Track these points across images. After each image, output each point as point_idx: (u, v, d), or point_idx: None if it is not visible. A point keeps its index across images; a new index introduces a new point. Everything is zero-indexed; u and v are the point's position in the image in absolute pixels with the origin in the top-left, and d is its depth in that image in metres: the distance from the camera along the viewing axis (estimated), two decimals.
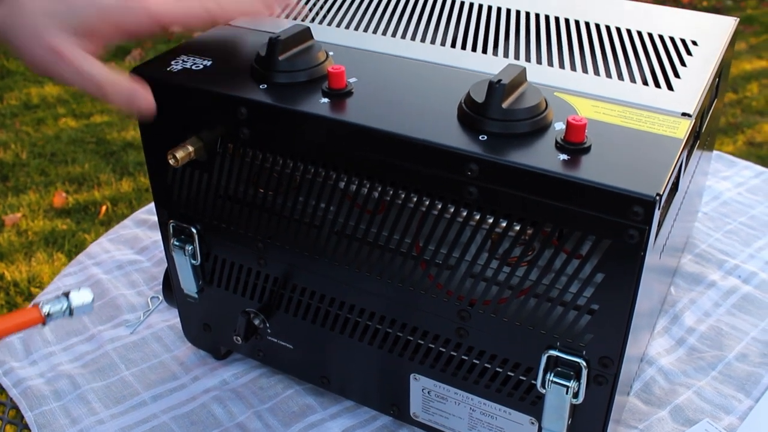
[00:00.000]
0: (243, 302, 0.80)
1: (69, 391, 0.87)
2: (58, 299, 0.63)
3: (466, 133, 0.61)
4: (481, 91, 0.61)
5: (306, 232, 0.71)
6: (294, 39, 0.70)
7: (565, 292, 0.61)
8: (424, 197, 0.63)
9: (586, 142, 0.59)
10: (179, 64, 0.73)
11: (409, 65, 0.72)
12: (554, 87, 0.68)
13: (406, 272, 0.67)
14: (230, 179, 0.72)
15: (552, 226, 0.58)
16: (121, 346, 0.93)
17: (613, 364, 0.62)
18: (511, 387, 0.69)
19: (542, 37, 0.79)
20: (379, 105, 0.65)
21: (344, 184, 0.66)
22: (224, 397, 0.85)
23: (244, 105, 0.67)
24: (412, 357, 0.72)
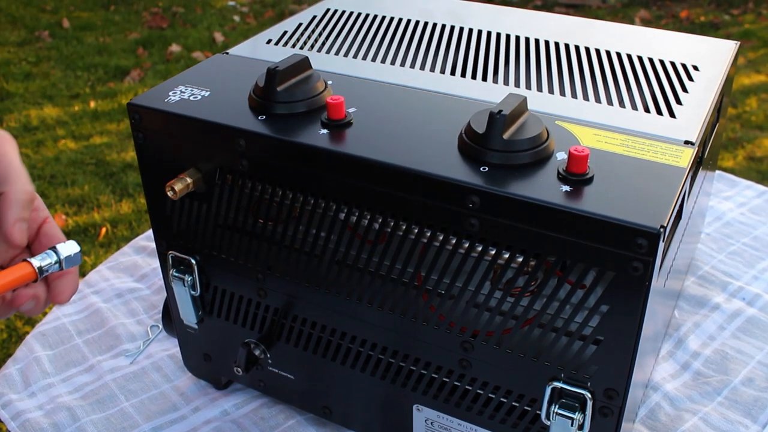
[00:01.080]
0: (243, 332, 0.80)
1: (68, 424, 0.86)
2: (46, 253, 0.61)
3: (467, 164, 0.60)
4: (481, 122, 0.61)
5: (306, 263, 0.70)
6: (293, 69, 0.69)
7: (570, 322, 0.60)
8: (425, 228, 0.62)
9: (589, 172, 0.58)
10: (177, 95, 0.72)
11: (408, 94, 0.72)
12: (555, 116, 0.67)
13: (407, 303, 0.67)
14: (229, 210, 0.71)
15: (555, 257, 0.58)
16: (121, 377, 0.92)
17: (618, 396, 0.61)
18: (515, 418, 0.68)
19: (542, 63, 0.79)
20: (378, 136, 0.64)
21: (344, 215, 0.65)
22: (225, 429, 0.84)
23: (243, 136, 0.66)
24: (415, 388, 0.71)
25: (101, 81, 3.49)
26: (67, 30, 4.11)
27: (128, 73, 3.58)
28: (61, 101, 3.30)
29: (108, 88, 3.41)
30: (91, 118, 3.14)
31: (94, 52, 3.81)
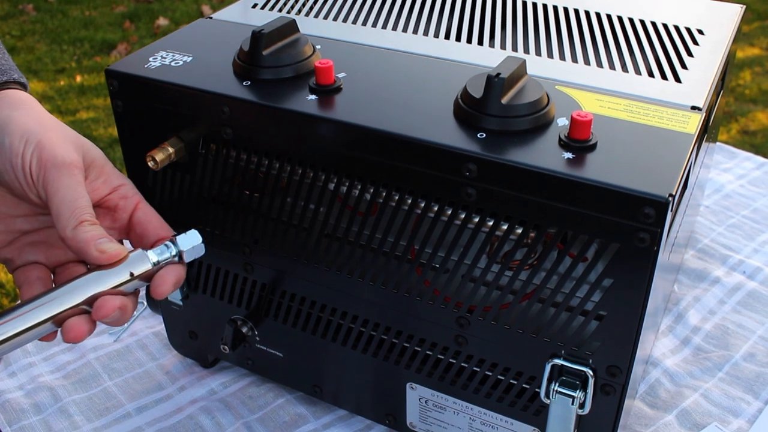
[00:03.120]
0: (230, 309, 0.77)
1: (50, 404, 0.83)
2: (165, 245, 0.58)
3: (464, 130, 0.57)
4: (478, 86, 0.58)
5: (295, 236, 0.67)
6: (279, 32, 0.66)
7: (571, 297, 0.57)
8: (419, 199, 0.59)
9: (592, 139, 0.55)
10: (158, 61, 0.69)
11: (400, 59, 0.68)
12: (555, 80, 0.64)
13: (401, 277, 0.64)
14: (213, 181, 0.68)
15: (556, 228, 0.55)
16: (104, 355, 0.89)
17: (621, 373, 0.59)
18: (513, 396, 0.65)
19: (541, 27, 0.75)
20: (370, 101, 0.61)
21: (334, 186, 0.62)
22: (212, 408, 0.81)
23: (227, 103, 0.63)
24: (409, 365, 0.69)
25: (87, 55, 3.44)
26: (51, 3, 4.04)
27: (115, 47, 3.52)
28: (46, 76, 3.25)
29: (94, 63, 3.36)
30: (77, 92, 3.09)
31: (80, 25, 3.75)
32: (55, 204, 0.55)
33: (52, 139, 0.56)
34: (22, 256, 0.60)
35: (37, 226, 0.61)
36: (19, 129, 0.56)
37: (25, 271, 0.60)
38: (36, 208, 0.60)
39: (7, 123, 0.56)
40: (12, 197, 0.60)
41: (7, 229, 0.60)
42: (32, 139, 0.56)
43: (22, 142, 0.55)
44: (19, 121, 0.57)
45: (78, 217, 0.54)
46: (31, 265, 0.61)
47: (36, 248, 0.61)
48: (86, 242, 0.54)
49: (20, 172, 0.56)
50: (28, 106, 0.59)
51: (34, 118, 0.57)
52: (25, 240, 0.61)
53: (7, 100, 0.59)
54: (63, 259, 0.61)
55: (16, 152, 0.55)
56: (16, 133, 0.56)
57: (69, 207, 0.54)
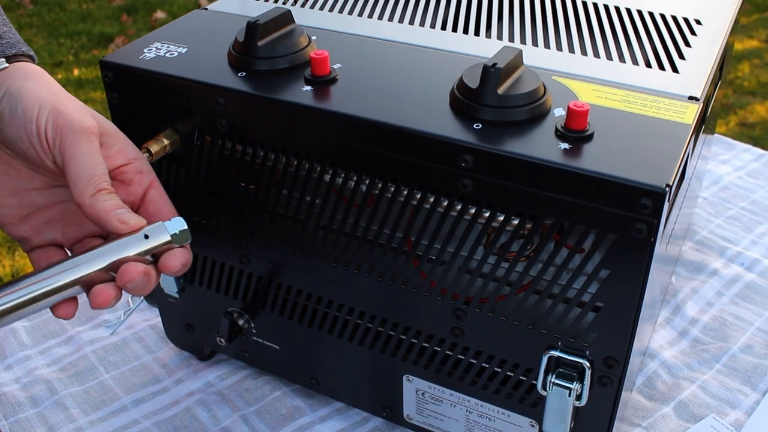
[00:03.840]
0: (226, 301, 0.76)
1: (46, 397, 0.82)
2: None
3: (460, 121, 0.57)
4: (474, 76, 0.57)
5: (290, 228, 0.67)
6: (274, 23, 0.65)
7: (568, 289, 0.57)
8: (415, 190, 0.59)
9: (588, 129, 0.55)
10: (152, 52, 0.68)
11: (396, 49, 0.68)
12: (552, 71, 0.64)
13: (397, 269, 0.63)
14: (209, 173, 0.68)
15: (553, 219, 0.54)
16: (101, 348, 0.89)
17: (618, 365, 0.59)
18: (509, 388, 0.65)
19: (537, 17, 0.75)
20: (365, 92, 0.61)
21: (330, 177, 0.62)
22: (209, 401, 0.81)
23: (222, 94, 0.63)
24: (405, 357, 0.68)
25: (85, 48, 3.43)
26: None
27: (112, 40, 3.51)
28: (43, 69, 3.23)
29: (92, 56, 3.35)
30: (74, 86, 3.08)
31: (77, 19, 3.74)
32: (72, 170, 0.54)
33: (66, 105, 0.56)
34: (39, 235, 0.60)
35: (52, 200, 0.60)
36: (32, 96, 0.55)
37: (43, 254, 0.59)
38: (50, 179, 0.59)
39: (19, 91, 0.55)
40: (26, 170, 0.59)
41: (21, 203, 0.59)
42: (46, 105, 0.55)
43: (36, 107, 0.55)
44: (32, 89, 0.56)
45: (96, 185, 0.53)
46: (49, 247, 0.60)
47: (52, 226, 0.60)
48: (105, 211, 0.53)
49: (35, 138, 0.54)
50: (39, 77, 0.58)
51: (47, 87, 0.57)
52: (41, 217, 0.60)
53: (18, 71, 0.58)
54: (79, 235, 0.60)
55: (30, 118, 0.54)
56: (30, 100, 0.55)
57: (87, 174, 0.53)
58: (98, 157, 0.55)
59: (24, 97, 0.55)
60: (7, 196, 0.59)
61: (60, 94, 0.57)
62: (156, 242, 0.55)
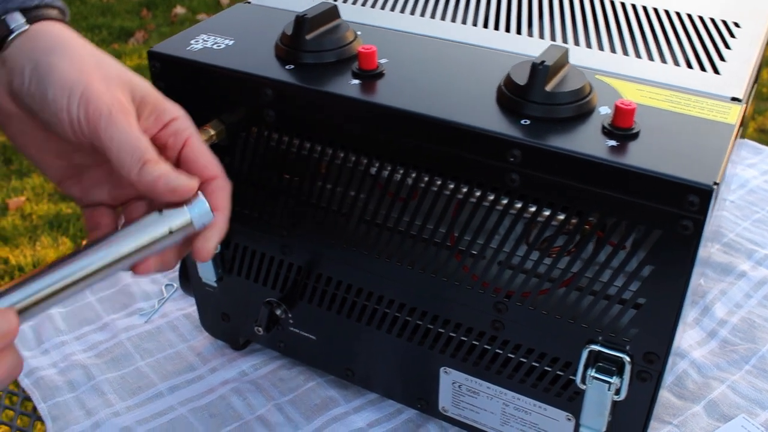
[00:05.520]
0: (264, 292, 0.77)
1: (83, 382, 0.84)
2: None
3: (507, 117, 0.58)
4: (522, 73, 0.58)
5: (333, 220, 0.68)
6: (321, 17, 0.67)
7: (610, 285, 0.58)
8: (461, 184, 0.60)
9: (635, 127, 0.56)
10: (200, 43, 0.69)
11: (440, 46, 0.69)
12: (595, 69, 0.65)
13: (439, 263, 0.64)
14: (254, 164, 0.69)
15: (599, 215, 0.55)
16: (136, 336, 0.90)
17: (658, 360, 0.59)
18: (547, 382, 0.66)
19: (578, 17, 0.76)
20: (412, 87, 0.62)
21: (376, 170, 0.63)
22: (243, 389, 0.82)
23: (270, 86, 0.64)
24: (443, 350, 0.69)
25: (105, 42, 3.45)
26: None
27: (132, 34, 3.53)
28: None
29: (112, 50, 3.36)
30: None
31: (98, 12, 3.76)
32: (114, 153, 0.53)
33: (95, 88, 0.54)
34: (87, 197, 0.60)
35: (98, 160, 0.59)
36: (60, 80, 0.53)
37: (94, 215, 0.59)
38: None
39: (47, 73, 0.54)
40: None
41: (69, 164, 0.59)
42: (75, 91, 0.53)
43: (65, 95, 0.53)
44: (59, 69, 0.54)
45: (141, 158, 0.53)
46: (99, 207, 0.60)
47: (99, 188, 0.60)
48: (154, 182, 0.53)
49: (68, 127, 0.54)
50: (67, 48, 0.55)
51: (75, 65, 0.54)
52: (88, 179, 0.59)
53: (44, 40, 0.56)
54: (126, 196, 0.60)
55: (60, 107, 0.53)
56: (58, 85, 0.53)
57: (129, 151, 0.53)
58: (136, 132, 0.54)
59: (52, 80, 0.53)
60: (55, 159, 0.58)
61: (88, 71, 0.54)
62: (177, 226, 0.55)
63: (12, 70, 0.55)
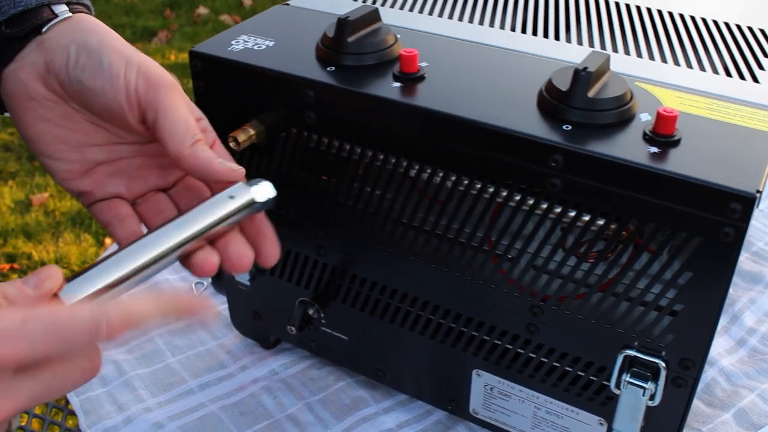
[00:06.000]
0: (296, 291, 0.78)
1: (115, 377, 0.85)
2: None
3: (548, 122, 0.58)
4: (565, 79, 0.59)
5: (370, 222, 0.68)
6: (363, 20, 0.67)
7: (647, 292, 0.58)
8: (501, 188, 0.60)
9: (676, 134, 0.56)
10: (240, 44, 0.70)
11: (479, 50, 0.70)
12: (634, 76, 0.65)
13: (476, 266, 0.65)
14: (292, 165, 0.69)
15: (638, 221, 0.56)
16: (167, 333, 0.91)
17: (694, 366, 0.60)
18: (581, 386, 0.66)
19: (615, 24, 0.76)
20: (454, 91, 0.62)
21: (415, 173, 0.63)
22: (274, 388, 0.83)
23: (312, 87, 0.64)
24: (477, 353, 0.70)
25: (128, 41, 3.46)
26: None
27: (155, 34, 3.56)
28: None
29: None
30: None
31: (122, 12, 3.79)
32: (168, 122, 0.54)
33: (150, 62, 0.56)
34: (102, 189, 0.59)
35: (112, 157, 0.60)
36: (116, 51, 0.55)
37: (110, 207, 0.59)
38: (114, 136, 0.59)
39: (101, 45, 0.55)
40: (89, 125, 0.58)
41: (83, 158, 0.59)
42: (133, 61, 0.55)
43: (122, 63, 0.55)
44: (113, 44, 0.56)
45: (194, 135, 0.54)
46: (113, 200, 0.60)
47: (116, 180, 0.60)
48: (208, 160, 0.54)
49: (122, 93, 0.54)
50: (112, 33, 0.58)
51: (124, 44, 0.57)
52: (103, 171, 0.60)
53: (88, 24, 0.57)
54: (144, 189, 0.60)
55: (117, 73, 0.54)
56: (114, 55, 0.55)
57: (183, 126, 0.54)
58: (188, 111, 0.55)
59: (107, 51, 0.55)
60: (69, 151, 0.58)
61: (139, 52, 0.57)
62: (241, 202, 0.54)
63: (52, 50, 0.56)
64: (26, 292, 0.45)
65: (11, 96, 0.57)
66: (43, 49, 0.56)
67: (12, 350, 0.40)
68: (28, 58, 0.57)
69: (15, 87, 0.57)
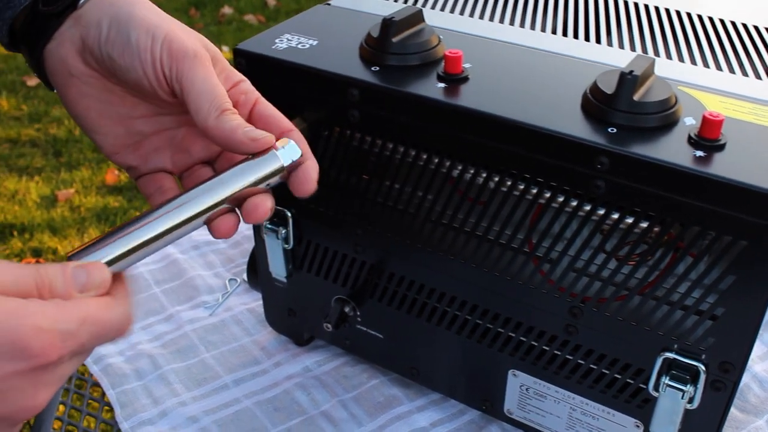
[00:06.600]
0: (332, 289, 0.79)
1: (150, 371, 0.86)
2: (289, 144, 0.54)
3: (593, 124, 0.58)
4: (610, 82, 0.59)
5: (410, 221, 0.69)
6: (407, 21, 0.68)
7: (688, 296, 0.58)
8: (545, 189, 0.61)
9: (721, 139, 0.56)
10: (284, 43, 0.71)
11: (521, 53, 0.70)
12: (677, 81, 0.65)
13: (516, 267, 0.65)
14: (334, 163, 0.70)
15: (682, 224, 0.56)
16: (200, 328, 0.92)
17: (734, 370, 0.60)
18: (618, 388, 0.66)
19: (656, 29, 0.76)
20: (497, 92, 0.63)
21: (458, 173, 0.64)
22: (308, 385, 0.83)
23: (357, 87, 0.65)
24: (514, 353, 0.70)
25: None
26: None
27: None
28: None
29: None
30: None
31: None
32: (193, 95, 0.53)
33: (177, 31, 0.55)
34: (147, 163, 0.60)
35: (158, 128, 0.60)
36: (143, 23, 0.54)
37: (154, 180, 0.60)
38: (156, 108, 0.59)
39: (129, 19, 0.54)
40: (131, 98, 0.58)
41: (128, 131, 0.59)
42: (159, 33, 0.54)
43: (149, 36, 0.54)
44: (141, 15, 0.55)
45: (220, 106, 0.53)
46: (159, 173, 0.60)
47: (161, 154, 0.60)
48: (232, 130, 0.52)
49: (150, 68, 0.54)
50: (143, 2, 0.57)
51: (155, 12, 0.56)
52: (149, 145, 0.60)
53: None
54: (189, 162, 0.60)
55: (144, 48, 0.54)
56: (142, 28, 0.54)
57: (209, 96, 0.53)
58: (215, 79, 0.54)
59: (135, 24, 0.54)
60: (114, 125, 0.59)
61: (169, 20, 0.56)
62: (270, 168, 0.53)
63: (87, 25, 0.55)
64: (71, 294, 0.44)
65: (54, 73, 0.58)
66: (79, 25, 0.56)
67: (71, 347, 0.42)
68: (66, 35, 0.56)
69: (57, 64, 0.57)
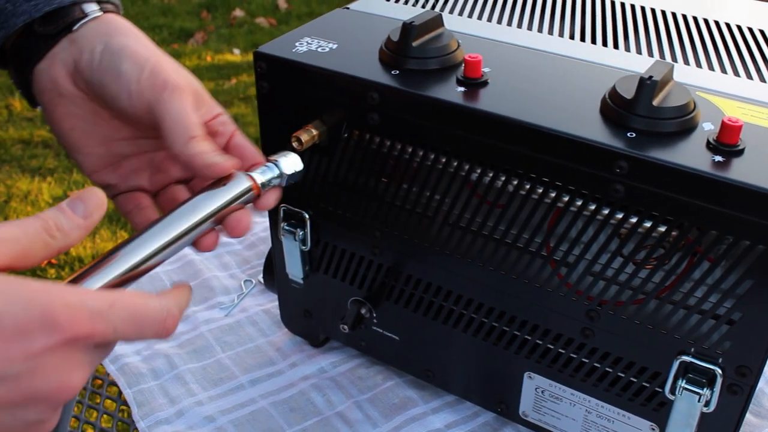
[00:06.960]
0: (349, 290, 0.79)
1: (166, 371, 0.86)
2: (266, 167, 0.59)
3: (611, 129, 0.59)
4: (629, 87, 0.60)
5: (428, 224, 0.69)
6: (427, 25, 0.68)
7: (706, 300, 0.59)
8: (564, 193, 0.61)
9: (740, 144, 0.57)
10: (304, 46, 0.72)
11: (541, 57, 0.71)
12: (695, 86, 0.66)
13: (533, 270, 0.66)
14: (352, 166, 0.71)
15: (700, 229, 0.56)
16: (216, 328, 0.92)
17: (751, 374, 0.60)
18: (634, 391, 0.67)
19: (673, 34, 0.77)
20: (517, 96, 0.63)
21: (476, 177, 0.64)
22: (323, 386, 0.84)
23: (377, 90, 0.66)
24: (530, 355, 0.71)
25: (165, 42, 3.51)
26: None
27: (192, 35, 3.59)
28: None
29: (172, 50, 3.42)
30: None
31: (159, 13, 3.83)
32: (168, 123, 0.56)
33: (164, 65, 0.58)
34: (125, 182, 0.62)
35: (138, 150, 0.63)
36: (135, 56, 0.57)
37: (132, 198, 0.63)
38: (138, 131, 0.62)
39: (121, 50, 0.58)
40: (116, 121, 0.61)
41: (109, 152, 0.62)
42: (147, 65, 0.57)
43: (138, 69, 0.57)
44: (134, 48, 0.58)
45: (189, 134, 0.56)
46: (136, 192, 0.63)
47: (139, 174, 0.63)
48: (199, 155, 0.56)
49: (135, 98, 0.57)
50: (137, 35, 0.60)
51: (145, 46, 0.59)
52: (128, 166, 0.62)
53: (114, 25, 0.60)
54: (166, 181, 0.63)
55: (132, 78, 0.57)
56: (132, 60, 0.57)
57: (181, 125, 0.56)
58: (190, 110, 0.57)
59: (126, 55, 0.57)
60: (97, 146, 0.61)
61: (158, 54, 0.59)
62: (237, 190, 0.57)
63: (81, 49, 0.58)
64: (78, 222, 0.47)
65: (43, 92, 0.60)
66: (74, 47, 0.59)
67: (102, 329, 0.44)
68: (59, 56, 0.59)
69: (47, 83, 0.60)
